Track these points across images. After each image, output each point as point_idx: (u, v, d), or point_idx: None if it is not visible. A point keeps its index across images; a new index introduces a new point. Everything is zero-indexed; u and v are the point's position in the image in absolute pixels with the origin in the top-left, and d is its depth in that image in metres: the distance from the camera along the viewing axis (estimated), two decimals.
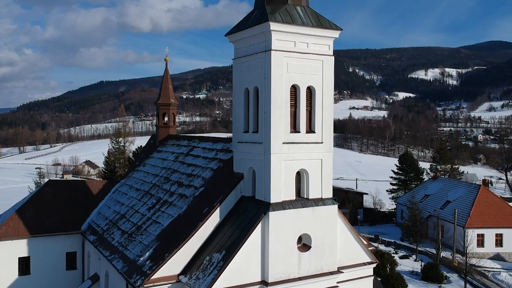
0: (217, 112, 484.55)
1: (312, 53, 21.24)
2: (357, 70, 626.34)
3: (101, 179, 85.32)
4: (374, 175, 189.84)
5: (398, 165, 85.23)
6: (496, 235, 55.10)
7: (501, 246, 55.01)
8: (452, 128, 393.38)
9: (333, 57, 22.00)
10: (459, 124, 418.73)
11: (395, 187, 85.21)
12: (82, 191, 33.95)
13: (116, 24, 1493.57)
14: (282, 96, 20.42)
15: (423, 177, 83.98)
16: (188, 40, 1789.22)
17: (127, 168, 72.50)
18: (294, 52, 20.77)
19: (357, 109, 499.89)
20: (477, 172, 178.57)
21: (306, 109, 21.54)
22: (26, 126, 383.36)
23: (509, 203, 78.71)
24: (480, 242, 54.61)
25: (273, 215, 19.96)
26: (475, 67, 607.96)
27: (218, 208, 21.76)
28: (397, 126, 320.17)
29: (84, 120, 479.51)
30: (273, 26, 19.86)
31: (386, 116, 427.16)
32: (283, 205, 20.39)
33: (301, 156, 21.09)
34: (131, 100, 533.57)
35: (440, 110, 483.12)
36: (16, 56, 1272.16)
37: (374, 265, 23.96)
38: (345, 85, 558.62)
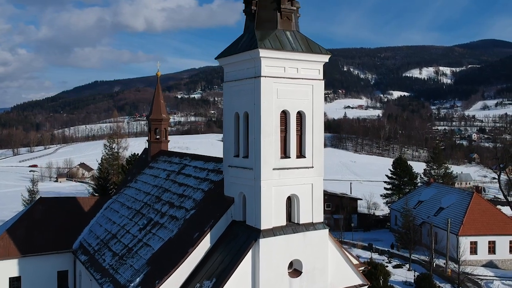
0: (212, 112, 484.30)
1: (302, 78, 21.17)
2: (351, 69, 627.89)
3: (94, 184, 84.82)
4: (369, 175, 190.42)
5: (392, 169, 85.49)
6: (489, 242, 55.25)
7: (494, 254, 55.16)
8: (446, 127, 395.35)
9: (323, 81, 21.94)
10: (454, 123, 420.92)
11: (389, 191, 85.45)
12: (74, 208, 33.75)
13: (110, 24, 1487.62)
14: (272, 122, 20.34)
15: (417, 182, 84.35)
16: (182, 39, 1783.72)
17: (120, 175, 72.20)
18: (284, 77, 20.70)
19: (352, 108, 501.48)
20: (471, 172, 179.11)
21: (296, 134, 21.45)
22: (20, 127, 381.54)
23: (502, 208, 79.33)
24: (473, 249, 54.79)
25: (263, 242, 19.91)
26: (469, 66, 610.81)
27: (209, 234, 21.68)
28: (391, 126, 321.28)
29: (78, 120, 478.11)
30: (263, 52, 19.78)
31: (380, 115, 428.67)
32: (274, 232, 20.35)
33: (291, 182, 21.01)
34: (126, 100, 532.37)
35: (434, 109, 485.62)
36: (9, 56, 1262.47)
37: (366, 287, 23.95)
38: (340, 84, 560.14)
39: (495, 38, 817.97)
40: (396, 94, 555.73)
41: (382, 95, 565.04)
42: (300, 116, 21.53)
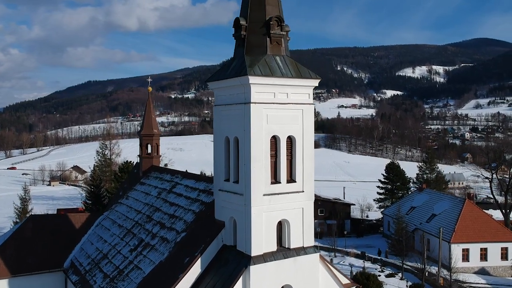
0: (206, 111, 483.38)
1: (292, 103, 21.10)
2: (345, 68, 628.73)
3: (87, 190, 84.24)
4: (363, 176, 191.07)
5: (385, 174, 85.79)
6: (481, 249, 55.66)
7: (486, 260, 55.56)
8: (439, 126, 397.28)
9: (313, 105, 21.93)
10: (447, 122, 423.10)
11: (382, 196, 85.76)
12: (65, 225, 33.45)
13: (103, 23, 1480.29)
14: (262, 148, 20.27)
15: (410, 186, 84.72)
16: (176, 38, 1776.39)
17: (113, 182, 71.92)
18: (274, 103, 20.62)
19: (346, 107, 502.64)
20: (464, 171, 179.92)
21: (287, 159, 21.41)
22: (13, 128, 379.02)
23: (493, 212, 79.72)
24: (465, 256, 55.13)
25: (254, 269, 19.85)
26: (462, 65, 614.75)
27: (199, 259, 21.59)
28: (385, 126, 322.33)
29: (71, 121, 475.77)
30: (252, 79, 19.71)
31: (374, 114, 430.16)
32: (264, 258, 20.30)
33: (282, 207, 20.96)
34: (119, 100, 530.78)
35: (427, 108, 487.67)
36: (1, 56, 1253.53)
37: None
38: (334, 84, 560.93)
39: (487, 36, 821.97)
40: (389, 93, 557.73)
41: (375, 94, 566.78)
42: (291, 140, 21.50)
